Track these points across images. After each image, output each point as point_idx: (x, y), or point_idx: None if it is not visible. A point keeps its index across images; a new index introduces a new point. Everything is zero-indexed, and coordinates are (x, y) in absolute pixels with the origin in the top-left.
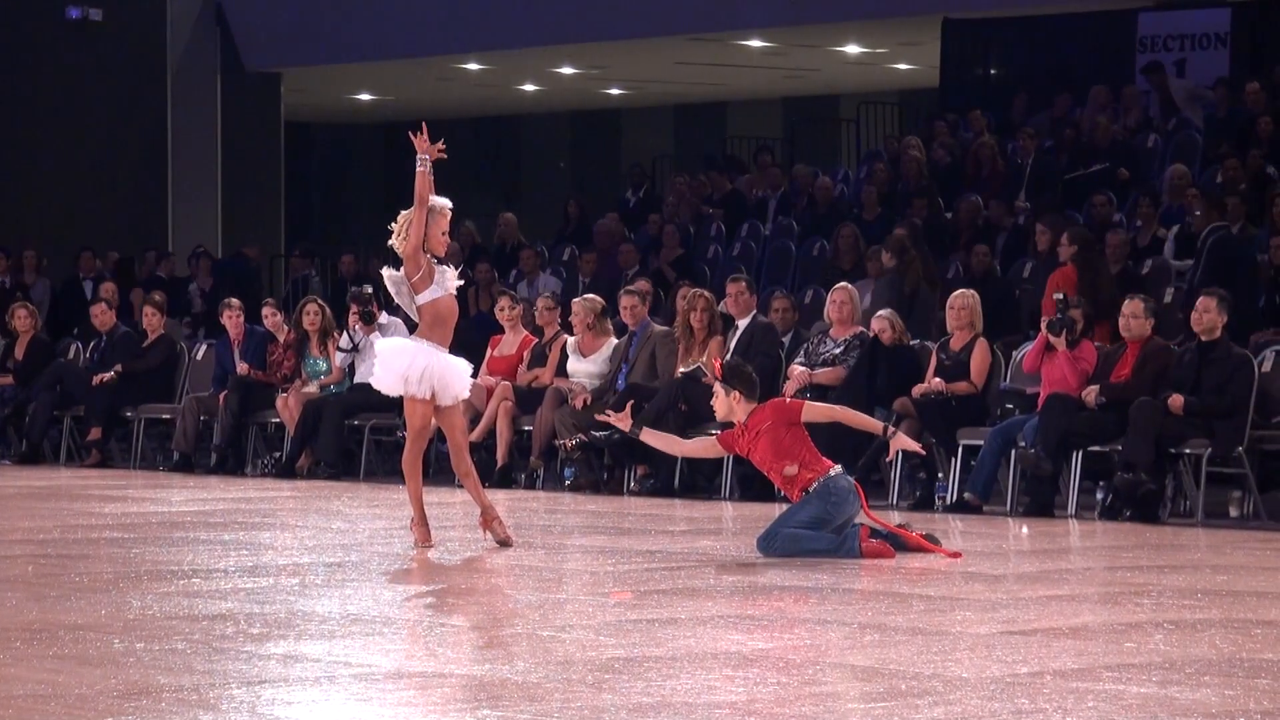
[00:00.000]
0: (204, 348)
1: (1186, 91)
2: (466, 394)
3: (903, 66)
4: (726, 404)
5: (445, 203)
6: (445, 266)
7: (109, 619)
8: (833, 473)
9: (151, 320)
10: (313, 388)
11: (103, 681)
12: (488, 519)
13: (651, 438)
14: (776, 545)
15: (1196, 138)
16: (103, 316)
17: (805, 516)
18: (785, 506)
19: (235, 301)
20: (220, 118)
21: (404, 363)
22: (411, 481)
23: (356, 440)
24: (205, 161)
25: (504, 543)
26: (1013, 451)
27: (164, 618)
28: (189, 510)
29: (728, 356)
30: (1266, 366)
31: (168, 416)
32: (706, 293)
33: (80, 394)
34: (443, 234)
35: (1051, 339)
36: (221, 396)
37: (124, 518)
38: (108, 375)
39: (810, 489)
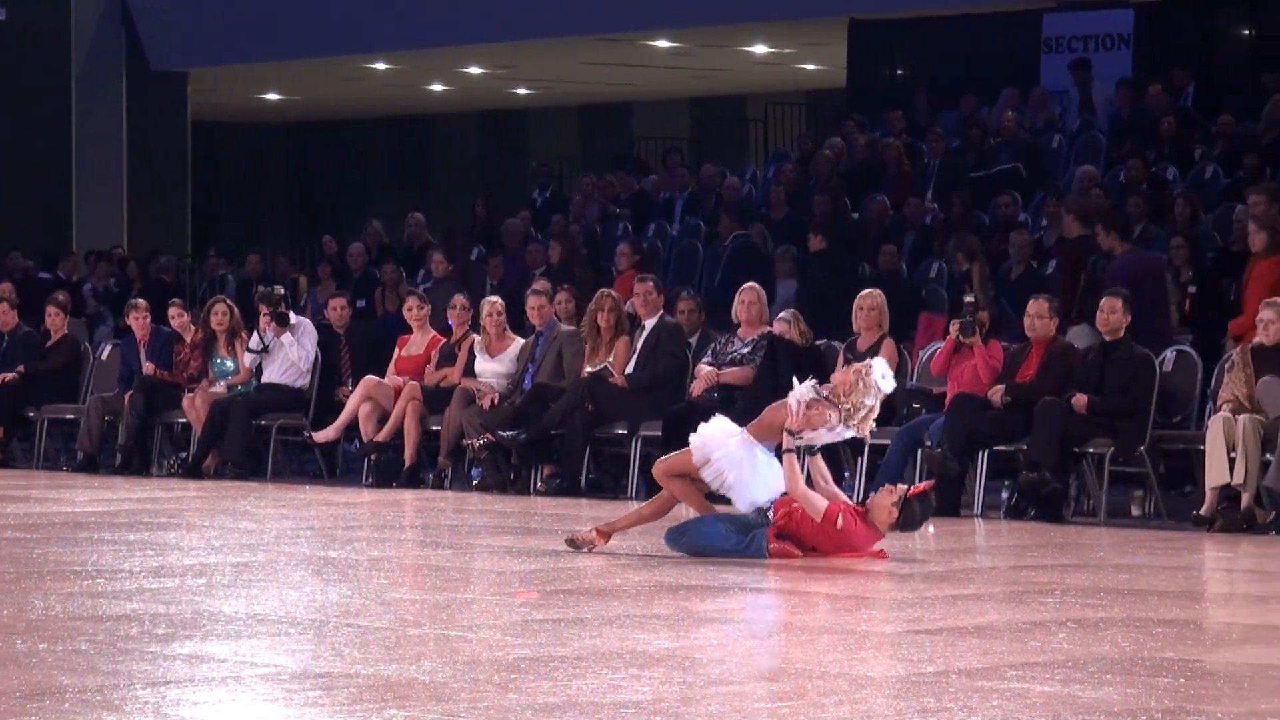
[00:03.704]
0: (109, 348)
1: (1108, 95)
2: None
3: (810, 67)
4: (887, 513)
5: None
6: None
7: (11, 619)
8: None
9: (55, 320)
10: (220, 388)
11: (5, 682)
12: (601, 532)
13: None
14: (685, 541)
15: (1100, 138)
16: (4, 316)
17: (720, 525)
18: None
19: (142, 302)
20: (125, 118)
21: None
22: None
23: (264, 440)
24: (110, 162)
25: (571, 542)
26: (919, 451)
27: (67, 618)
28: (93, 510)
29: (633, 358)
30: (1168, 366)
31: (72, 417)
32: (614, 292)
33: None
34: None
35: (963, 340)
36: (127, 397)
37: (27, 518)
38: (10, 375)
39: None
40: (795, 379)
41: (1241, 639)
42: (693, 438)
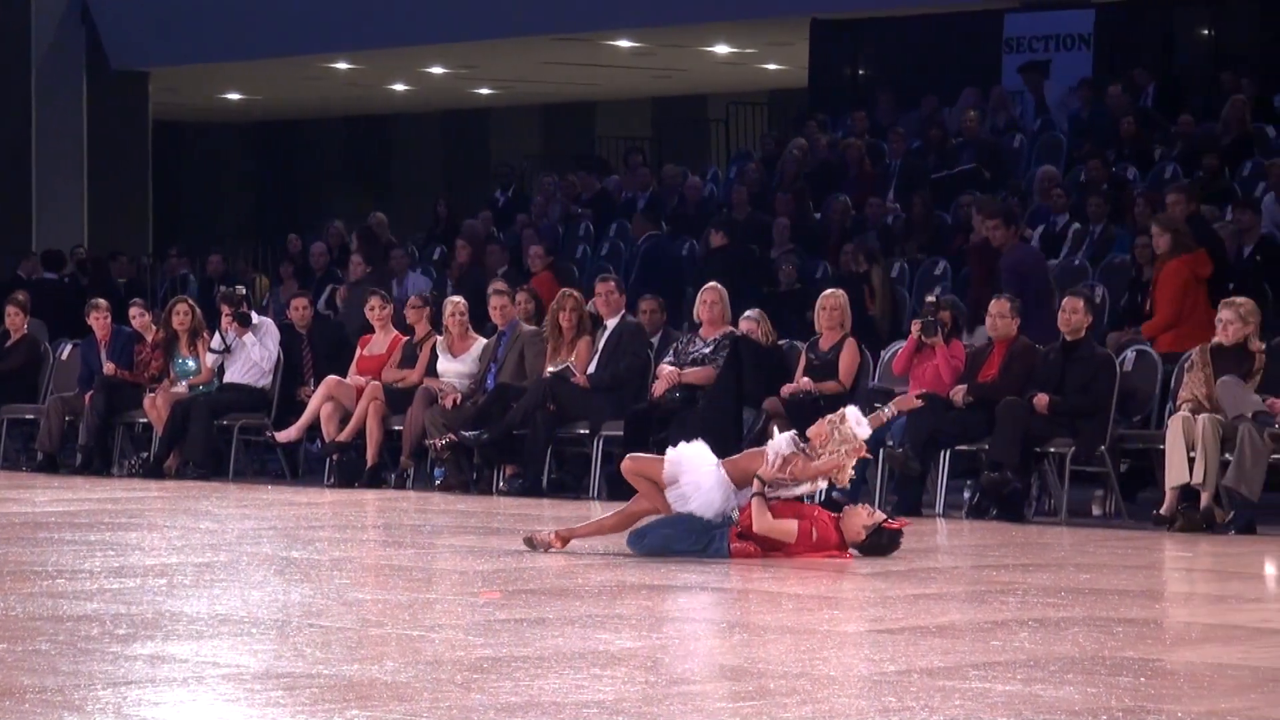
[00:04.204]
0: (69, 348)
1: (1060, 97)
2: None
3: (771, 67)
4: (856, 531)
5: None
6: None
7: None
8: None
9: (14, 320)
10: (181, 388)
11: None
12: (560, 535)
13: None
14: (646, 543)
15: (1061, 138)
16: None
17: (681, 526)
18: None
19: (102, 302)
20: (86, 117)
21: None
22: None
23: (225, 440)
24: (71, 161)
25: (529, 541)
26: (881, 451)
27: (27, 618)
28: (54, 510)
29: (595, 358)
30: (1128, 366)
31: (31, 417)
32: (575, 292)
33: None
34: None
35: (925, 340)
36: (87, 397)
37: None
38: None
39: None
40: (776, 429)
41: (1201, 638)
42: (670, 452)
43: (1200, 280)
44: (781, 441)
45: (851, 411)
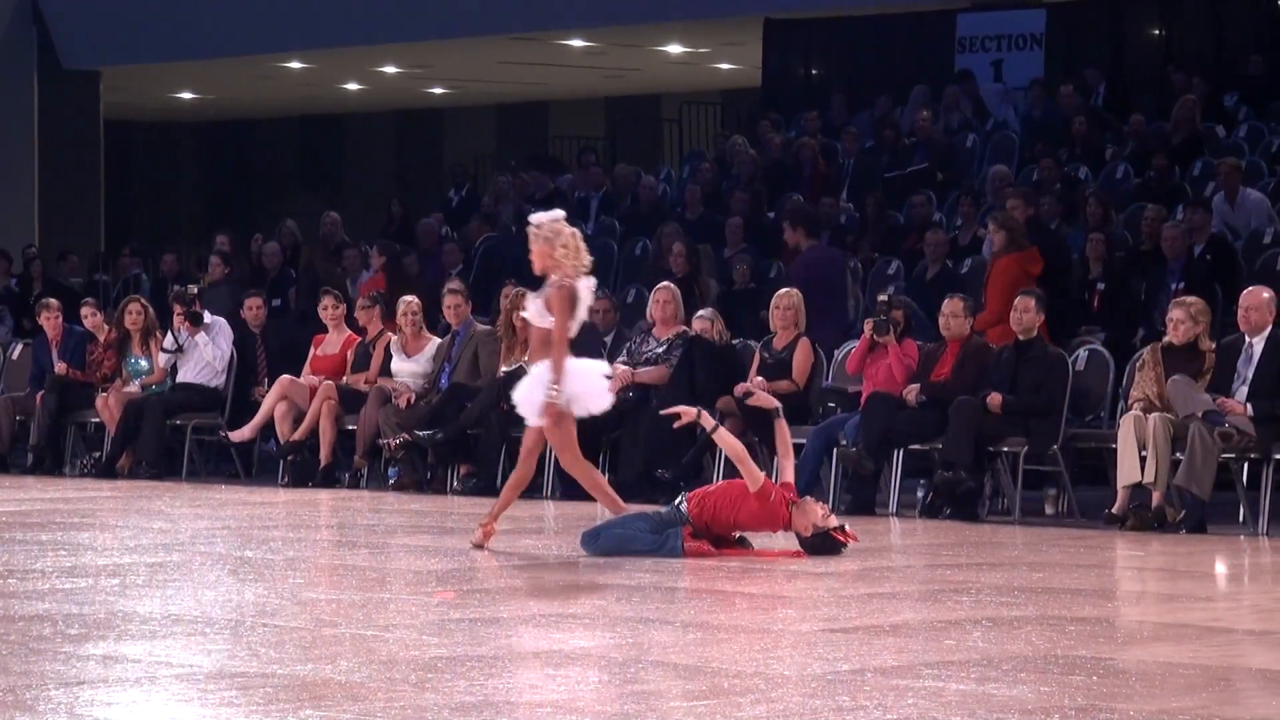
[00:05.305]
0: (19, 347)
1: (999, 94)
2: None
3: (724, 66)
4: (805, 526)
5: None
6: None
7: None
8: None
9: None
10: (134, 387)
11: None
12: (486, 526)
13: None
14: (599, 543)
15: (1013, 138)
16: None
17: (634, 526)
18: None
19: (54, 302)
20: (37, 116)
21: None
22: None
23: (179, 440)
24: (22, 161)
25: (477, 545)
26: (834, 450)
27: None
28: (4, 510)
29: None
30: (1080, 365)
31: None
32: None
33: None
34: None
35: (878, 339)
36: (39, 396)
37: None
38: None
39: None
40: (531, 303)
41: (1152, 637)
42: (523, 414)
43: (1031, 277)
44: (530, 304)
45: (535, 218)
